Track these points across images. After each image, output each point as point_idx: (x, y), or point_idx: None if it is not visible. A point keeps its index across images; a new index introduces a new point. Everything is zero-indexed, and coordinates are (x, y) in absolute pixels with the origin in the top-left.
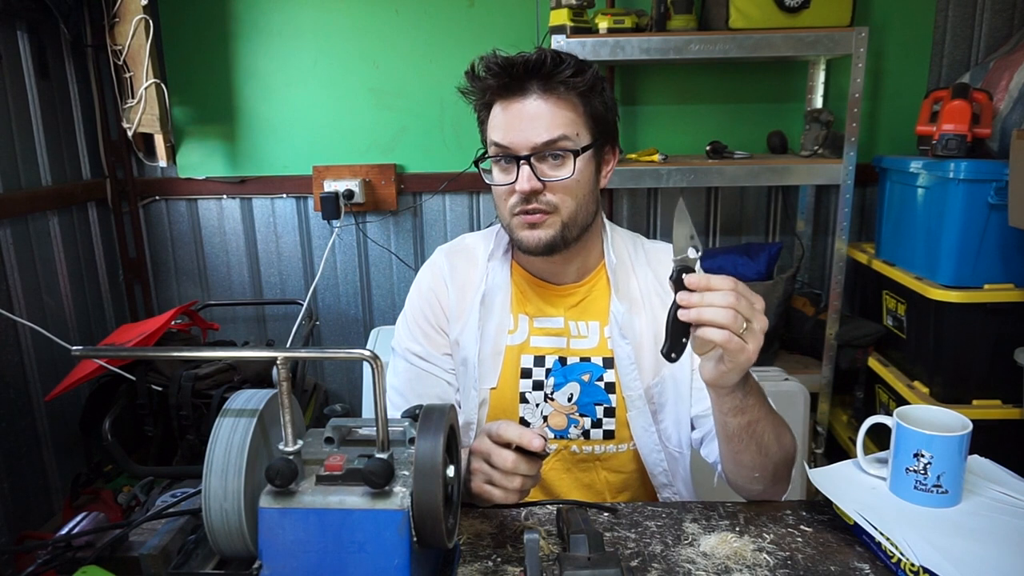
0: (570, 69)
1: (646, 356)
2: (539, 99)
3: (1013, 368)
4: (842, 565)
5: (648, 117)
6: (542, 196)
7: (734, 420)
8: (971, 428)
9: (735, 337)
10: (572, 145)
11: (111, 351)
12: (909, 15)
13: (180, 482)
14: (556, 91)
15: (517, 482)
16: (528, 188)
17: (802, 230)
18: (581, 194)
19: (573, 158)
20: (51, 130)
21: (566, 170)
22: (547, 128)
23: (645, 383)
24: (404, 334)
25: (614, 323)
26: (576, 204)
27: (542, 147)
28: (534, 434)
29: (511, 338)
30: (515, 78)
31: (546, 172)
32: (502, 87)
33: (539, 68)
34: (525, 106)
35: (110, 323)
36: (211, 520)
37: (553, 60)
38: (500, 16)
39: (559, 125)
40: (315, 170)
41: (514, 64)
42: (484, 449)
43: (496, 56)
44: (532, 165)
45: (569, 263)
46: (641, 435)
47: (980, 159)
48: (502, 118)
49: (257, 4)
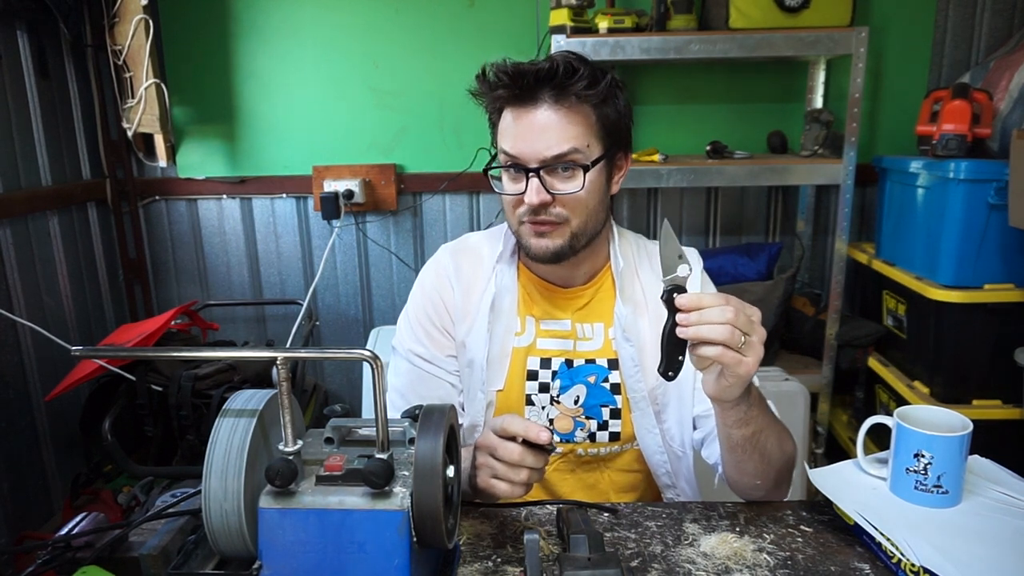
0: (584, 81)
1: (649, 357)
2: (550, 109)
3: (1013, 368)
4: (842, 565)
5: (648, 117)
6: (551, 208)
7: (738, 432)
8: (971, 428)
9: (732, 352)
10: (582, 159)
11: (111, 351)
12: (909, 15)
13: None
14: (568, 101)
15: (523, 475)
16: (537, 201)
17: (802, 230)
18: (591, 205)
19: (583, 172)
20: (51, 130)
21: (575, 183)
22: (557, 141)
23: (649, 384)
24: (407, 334)
25: (618, 325)
26: (586, 215)
27: (552, 160)
28: (540, 427)
29: (518, 340)
30: (526, 88)
31: (555, 185)
32: (512, 96)
33: (551, 78)
34: (536, 116)
35: (110, 323)
36: (211, 520)
37: (566, 70)
38: (500, 16)
39: (569, 138)
40: (315, 170)
41: (525, 74)
42: (490, 443)
43: (507, 64)
44: (541, 177)
45: (577, 268)
46: (645, 436)
47: (980, 159)
48: (512, 127)
49: (257, 4)
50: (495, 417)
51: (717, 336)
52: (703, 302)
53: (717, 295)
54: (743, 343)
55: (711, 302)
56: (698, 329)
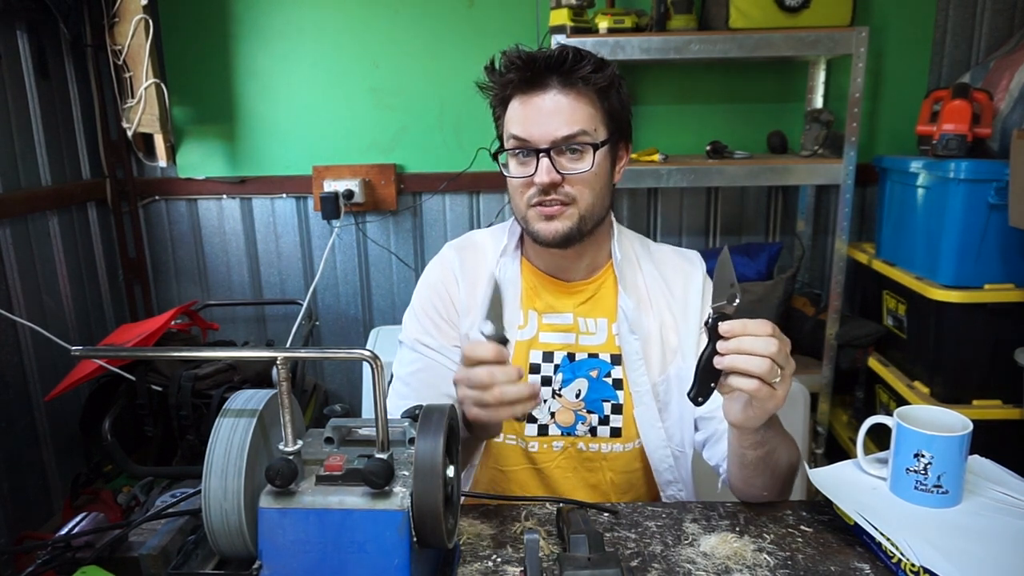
0: (590, 66)
1: (653, 352)
2: (559, 94)
3: (1013, 368)
4: (842, 565)
5: (648, 117)
6: (560, 188)
7: (752, 452)
8: (971, 428)
9: (767, 386)
10: (591, 139)
11: (111, 351)
12: (909, 15)
13: (180, 482)
14: (575, 86)
15: (497, 392)
16: (548, 180)
17: (802, 230)
18: (598, 187)
19: (592, 151)
20: (51, 130)
21: (585, 163)
22: (567, 122)
23: (652, 379)
24: (413, 326)
25: (623, 318)
26: (593, 197)
27: (562, 141)
28: (501, 348)
29: (520, 333)
30: (536, 72)
31: (565, 165)
32: (523, 81)
33: (560, 64)
34: (545, 100)
35: (110, 323)
36: (211, 520)
37: (574, 56)
38: (500, 16)
39: (578, 120)
40: (315, 170)
41: (536, 59)
42: (461, 375)
43: (518, 50)
44: (552, 158)
45: (580, 259)
46: (648, 431)
47: (980, 159)
48: (521, 111)
49: (257, 4)
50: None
51: (755, 369)
52: (748, 328)
53: (762, 323)
54: (778, 378)
55: (755, 330)
56: (735, 359)
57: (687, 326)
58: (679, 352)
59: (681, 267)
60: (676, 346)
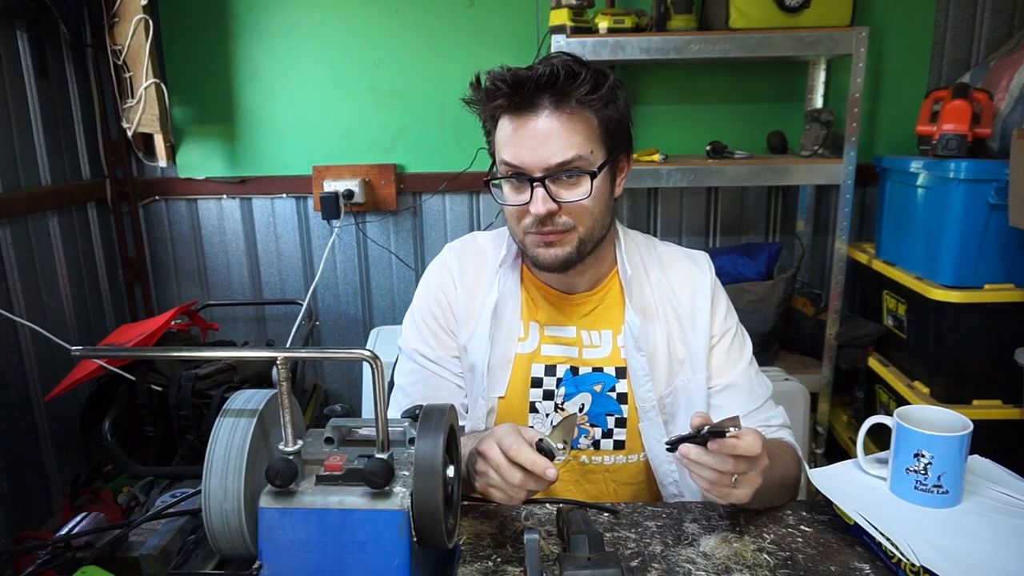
0: (586, 85)
1: (660, 366)
2: (551, 116)
3: (1013, 368)
4: (842, 565)
5: (648, 117)
6: (558, 217)
7: None
8: (971, 428)
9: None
10: (588, 165)
11: (111, 351)
12: (909, 15)
13: (180, 482)
14: (569, 107)
15: (522, 495)
16: (544, 211)
17: (802, 230)
18: (598, 211)
19: (590, 179)
20: (51, 130)
21: (582, 190)
22: (561, 149)
23: (658, 393)
24: (412, 335)
25: (629, 334)
26: (593, 220)
27: (556, 168)
28: (548, 464)
29: (521, 346)
30: (525, 96)
31: (561, 193)
32: (512, 105)
33: (552, 83)
34: (537, 124)
35: (110, 323)
36: (211, 520)
37: (567, 75)
38: (500, 16)
39: (573, 145)
40: (315, 170)
41: (524, 81)
42: (495, 460)
43: (504, 71)
44: (546, 186)
45: (583, 274)
46: (653, 445)
47: (980, 159)
48: (512, 135)
49: (257, 4)
50: (506, 427)
51: (701, 483)
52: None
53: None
54: (734, 481)
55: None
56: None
57: (695, 335)
58: (686, 363)
59: (689, 272)
60: (683, 357)
